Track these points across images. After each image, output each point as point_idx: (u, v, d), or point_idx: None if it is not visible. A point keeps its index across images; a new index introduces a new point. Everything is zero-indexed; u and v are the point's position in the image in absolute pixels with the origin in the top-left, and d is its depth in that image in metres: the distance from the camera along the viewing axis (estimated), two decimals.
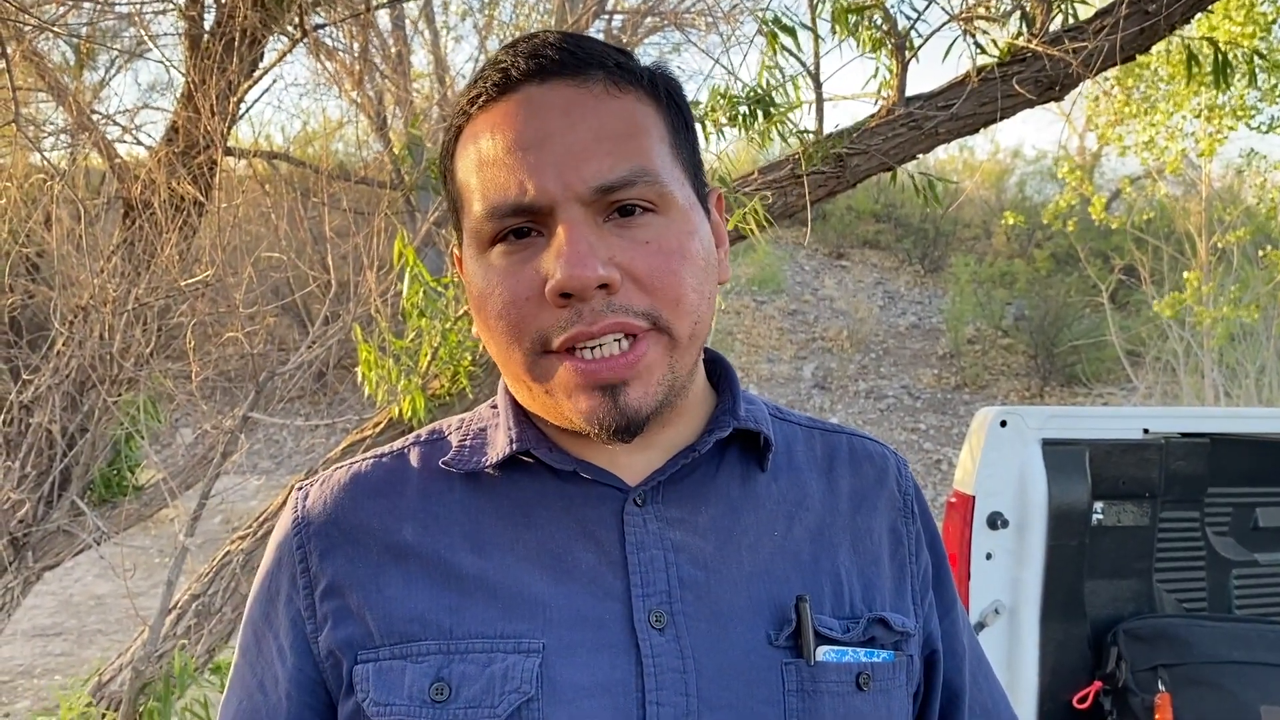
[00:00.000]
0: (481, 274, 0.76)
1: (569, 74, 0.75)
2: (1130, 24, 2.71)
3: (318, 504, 0.83)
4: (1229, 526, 2.79)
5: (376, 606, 0.78)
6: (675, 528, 0.80)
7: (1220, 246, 9.62)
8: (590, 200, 0.73)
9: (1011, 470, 2.55)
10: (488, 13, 9.63)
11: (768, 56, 2.78)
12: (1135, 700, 2.48)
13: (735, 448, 0.85)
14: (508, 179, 0.73)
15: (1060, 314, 13.04)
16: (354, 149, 9.61)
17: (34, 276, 4.46)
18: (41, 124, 4.39)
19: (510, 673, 0.73)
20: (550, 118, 0.73)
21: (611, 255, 0.72)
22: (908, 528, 0.90)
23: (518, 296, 0.73)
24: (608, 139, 0.73)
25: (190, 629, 3.07)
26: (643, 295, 0.73)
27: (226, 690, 0.86)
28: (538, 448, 0.80)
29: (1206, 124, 7.69)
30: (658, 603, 0.76)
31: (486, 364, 3.01)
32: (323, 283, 3.62)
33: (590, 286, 0.71)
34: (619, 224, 0.74)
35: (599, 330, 0.72)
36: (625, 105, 0.76)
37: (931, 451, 11.04)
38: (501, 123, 0.74)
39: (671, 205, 0.76)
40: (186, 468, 3.91)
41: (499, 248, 0.75)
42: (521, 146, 0.73)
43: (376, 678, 0.76)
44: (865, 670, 0.80)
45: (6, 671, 5.84)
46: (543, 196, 0.72)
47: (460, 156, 0.78)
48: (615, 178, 0.73)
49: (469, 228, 0.77)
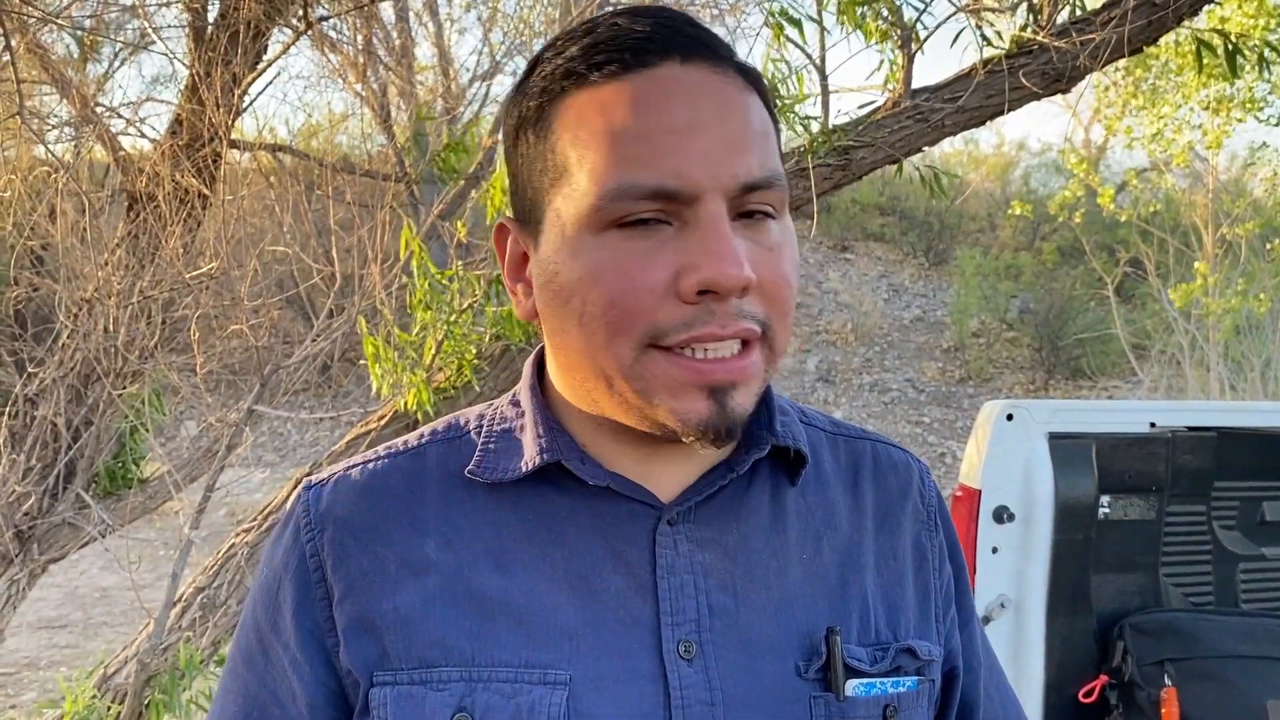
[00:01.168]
0: (585, 257, 0.69)
1: (708, 59, 0.71)
2: (1138, 16, 2.70)
3: (331, 508, 0.79)
4: (1235, 521, 2.78)
5: (394, 627, 0.74)
6: (705, 549, 0.77)
7: (1227, 239, 9.59)
8: (733, 196, 0.69)
9: (1017, 464, 2.54)
10: (492, 5, 9.61)
11: (773, 49, 2.77)
12: (1141, 695, 2.47)
13: (766, 461, 0.82)
14: (654, 159, 0.67)
15: (1065, 307, 13.02)
16: (358, 142, 9.60)
17: (39, 269, 4.46)
18: (46, 117, 4.39)
19: (537, 706, 0.71)
20: (702, 104, 0.69)
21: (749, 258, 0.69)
22: (931, 541, 0.88)
23: (638, 285, 0.68)
24: (754, 135, 0.70)
25: (195, 622, 3.08)
26: (763, 302, 0.70)
27: (221, 698, 0.81)
28: (569, 459, 0.76)
29: (1214, 116, 7.67)
30: (687, 632, 0.74)
31: (491, 357, 3.00)
32: (327, 275, 3.62)
33: (739, 286, 0.67)
34: (745, 226, 0.70)
35: (729, 334, 0.68)
36: (758, 104, 0.73)
37: (936, 445, 11.03)
38: (645, 98, 0.69)
39: (785, 211, 0.73)
40: (191, 460, 3.91)
41: (622, 231, 0.69)
42: (672, 129, 0.68)
43: (395, 704, 0.72)
44: (892, 702, 0.79)
45: (12, 663, 5.86)
46: (691, 185, 0.67)
47: (573, 125, 0.71)
48: (760, 177, 0.69)
49: (575, 204, 0.70)
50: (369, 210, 4.18)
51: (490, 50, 9.93)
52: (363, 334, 2.89)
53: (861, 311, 13.89)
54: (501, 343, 2.96)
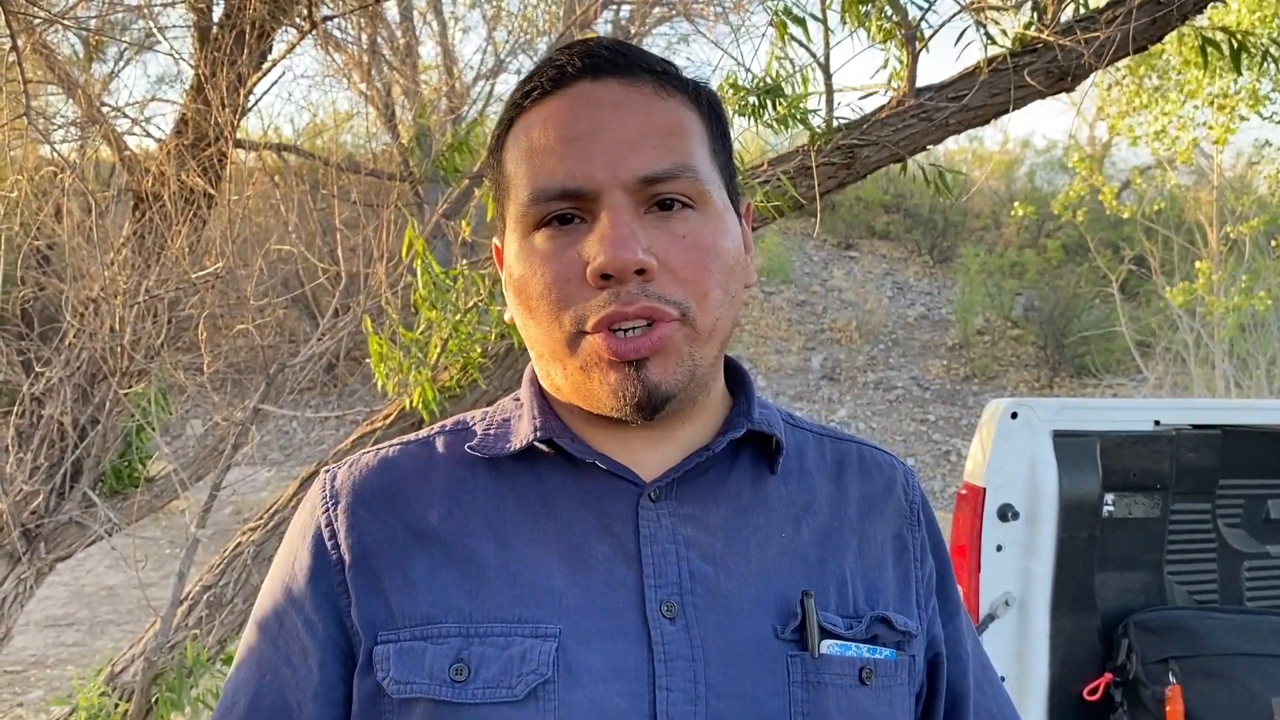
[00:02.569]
0: (525, 257, 0.80)
1: (620, 73, 0.80)
2: (1143, 14, 2.70)
3: (346, 484, 0.86)
4: (1240, 518, 2.78)
5: (401, 590, 0.80)
6: (687, 524, 0.82)
7: (1231, 236, 9.58)
8: (634, 190, 0.77)
9: (1022, 462, 2.54)
10: (495, 4, 9.62)
11: (777, 47, 2.77)
12: (1146, 692, 2.48)
13: (748, 450, 0.87)
14: (556, 166, 0.77)
15: (1070, 305, 13.02)
16: (362, 141, 9.61)
17: (45, 269, 4.47)
18: (51, 116, 4.40)
19: (528, 655, 0.76)
20: (601, 111, 0.78)
21: (650, 244, 0.76)
22: (913, 535, 0.92)
23: (560, 277, 0.77)
24: (655, 134, 0.78)
25: (202, 620, 3.09)
26: (675, 285, 0.77)
27: (237, 667, 0.86)
28: (560, 437, 0.83)
29: (1218, 113, 7.65)
30: (669, 593, 0.79)
31: (496, 356, 3.01)
32: (332, 274, 3.62)
33: (630, 269, 0.74)
34: (659, 216, 0.78)
35: (633, 312, 0.75)
36: (671, 107, 0.80)
37: (940, 442, 11.03)
38: (554, 115, 0.79)
39: (708, 204, 0.80)
40: (197, 459, 3.92)
41: (543, 232, 0.79)
42: (573, 136, 0.77)
43: (397, 657, 0.78)
44: (868, 665, 0.82)
45: (19, 661, 5.87)
46: (589, 183, 0.76)
47: (511, 147, 0.82)
48: (660, 169, 0.77)
49: (514, 214, 0.81)
50: (374, 209, 4.19)
51: (494, 49, 9.93)
52: (368, 333, 2.90)
53: (866, 309, 13.88)
54: (506, 342, 2.96)
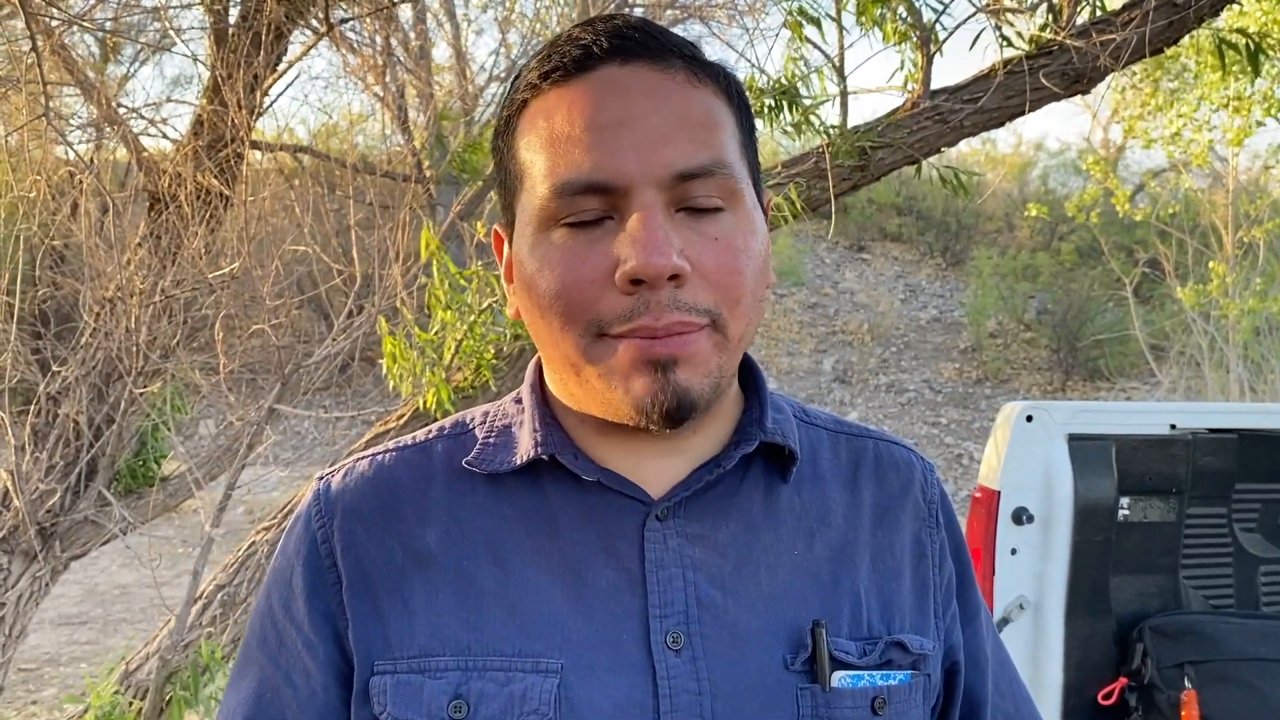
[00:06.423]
0: (539, 253, 0.73)
1: (651, 57, 0.73)
2: (1159, 16, 2.69)
3: (340, 496, 0.82)
4: (1257, 523, 2.77)
5: (400, 617, 0.77)
6: (695, 544, 0.78)
7: (1246, 240, 9.53)
8: (668, 186, 0.71)
9: (1037, 465, 2.53)
10: (509, 6, 9.63)
11: (792, 49, 2.77)
12: (1161, 697, 2.47)
13: (760, 458, 0.83)
14: (583, 157, 0.71)
15: (1083, 307, 12.96)
16: (376, 142, 9.64)
17: (61, 269, 4.50)
18: (68, 117, 4.43)
19: (529, 693, 0.73)
20: (633, 100, 0.71)
21: (683, 246, 0.70)
22: (932, 538, 0.88)
23: (581, 278, 0.71)
24: (690, 126, 0.72)
25: (216, 618, 3.10)
26: (707, 291, 0.71)
27: (234, 682, 0.83)
28: (562, 453, 0.78)
29: (1234, 115, 7.61)
30: (675, 623, 0.76)
31: (509, 357, 3.02)
32: (347, 275, 3.64)
33: (665, 275, 0.69)
34: (690, 215, 0.72)
35: (662, 328, 0.70)
36: (704, 96, 0.74)
37: (953, 446, 11.00)
38: (580, 100, 0.72)
39: (740, 203, 0.74)
40: (211, 459, 3.94)
41: (563, 228, 0.72)
42: (602, 126, 0.71)
43: (394, 691, 0.75)
44: (881, 694, 0.79)
45: (33, 659, 5.91)
46: (619, 177, 0.70)
47: (526, 132, 0.75)
48: (695, 165, 0.71)
49: (529, 206, 0.74)
50: (388, 210, 4.20)
51: (507, 50, 9.95)
52: (382, 334, 2.91)
53: (878, 312, 13.86)
54: (519, 343, 2.97)
